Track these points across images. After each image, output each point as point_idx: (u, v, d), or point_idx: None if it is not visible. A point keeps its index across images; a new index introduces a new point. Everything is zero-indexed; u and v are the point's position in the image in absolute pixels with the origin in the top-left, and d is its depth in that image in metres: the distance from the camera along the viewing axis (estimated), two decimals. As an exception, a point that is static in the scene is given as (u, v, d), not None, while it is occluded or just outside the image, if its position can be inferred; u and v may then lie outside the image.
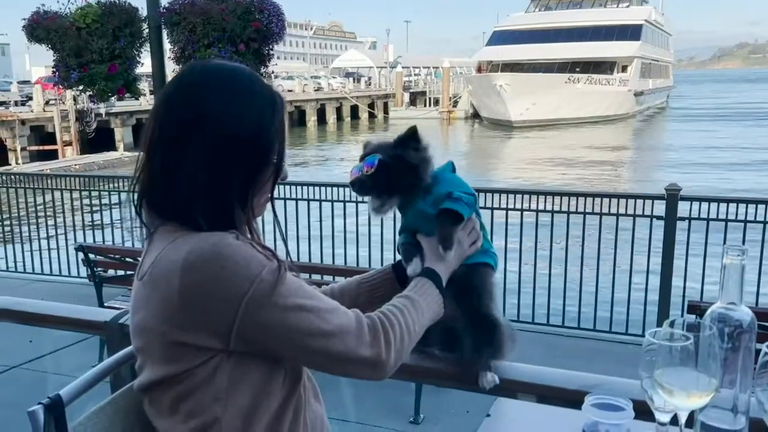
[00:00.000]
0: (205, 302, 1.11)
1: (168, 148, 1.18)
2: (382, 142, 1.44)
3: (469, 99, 46.59)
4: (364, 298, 1.53)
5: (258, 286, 1.12)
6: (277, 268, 1.15)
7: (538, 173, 23.26)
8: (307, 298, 1.18)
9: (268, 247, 1.19)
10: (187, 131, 1.17)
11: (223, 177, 1.17)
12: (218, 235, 1.14)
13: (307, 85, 47.56)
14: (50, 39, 5.61)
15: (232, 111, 1.18)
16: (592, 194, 5.69)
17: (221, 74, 1.24)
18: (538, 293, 5.74)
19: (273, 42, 5.63)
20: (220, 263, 1.11)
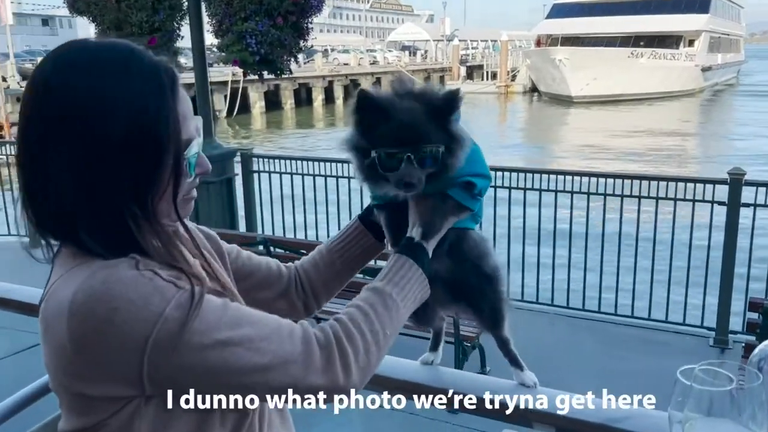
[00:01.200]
0: (101, 352, 0.92)
1: (34, 160, 0.96)
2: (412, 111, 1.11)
3: (528, 73, 45.69)
4: (340, 264, 1.35)
5: (162, 326, 0.91)
6: (188, 298, 0.93)
7: (596, 152, 22.50)
8: (233, 328, 0.96)
9: (182, 268, 0.98)
10: (49, 136, 0.94)
11: (101, 185, 0.94)
12: (111, 268, 0.93)
13: (363, 58, 47.43)
14: (91, 11, 5.60)
15: (97, 104, 0.94)
16: (648, 177, 5.36)
17: (79, 60, 0.98)
18: (589, 279, 5.49)
19: (311, 14, 5.44)
20: (111, 305, 0.90)
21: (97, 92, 0.94)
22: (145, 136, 0.95)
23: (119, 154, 0.94)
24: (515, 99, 45.30)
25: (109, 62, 0.97)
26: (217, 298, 0.98)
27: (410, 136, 1.09)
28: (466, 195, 1.18)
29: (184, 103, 1.02)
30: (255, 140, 27.26)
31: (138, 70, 0.97)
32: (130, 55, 0.99)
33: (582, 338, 5.17)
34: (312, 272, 1.36)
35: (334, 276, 1.36)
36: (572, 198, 5.45)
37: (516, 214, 5.68)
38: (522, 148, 24.70)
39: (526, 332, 5.45)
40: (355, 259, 1.35)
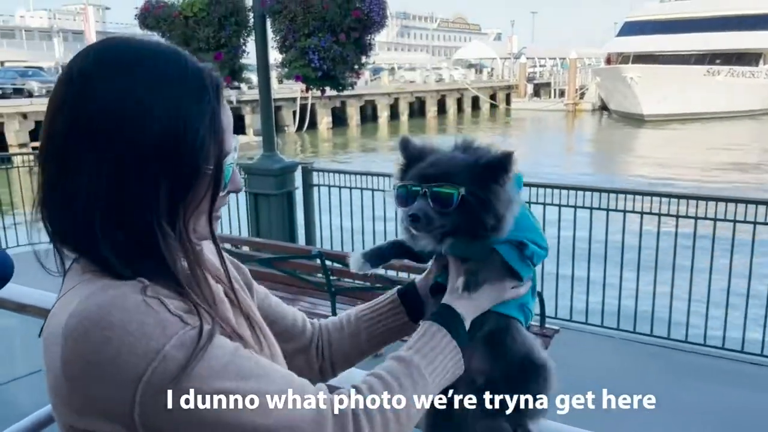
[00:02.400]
0: (92, 383, 0.82)
1: (58, 161, 0.88)
2: (451, 157, 1.07)
3: (597, 91, 44.76)
4: (365, 336, 1.23)
5: (159, 366, 0.80)
6: (194, 337, 0.83)
7: (668, 171, 21.68)
8: (238, 379, 0.84)
9: (195, 301, 0.88)
10: (78, 137, 0.86)
11: (132, 197, 0.86)
12: (114, 290, 0.84)
13: (429, 76, 47.57)
14: (160, 27, 5.77)
15: (133, 106, 0.86)
16: (724, 199, 5.10)
17: (121, 57, 0.90)
18: (658, 303, 5.24)
19: (374, 31, 5.43)
20: (105, 333, 0.80)
21: (138, 93, 0.87)
22: (185, 144, 0.88)
23: (156, 161, 0.86)
24: (583, 117, 44.38)
25: (154, 63, 0.90)
26: (228, 342, 0.88)
27: (432, 174, 1.05)
28: (515, 255, 1.07)
29: (226, 114, 0.94)
30: (322, 155, 27.66)
31: (182, 75, 0.90)
32: (175, 57, 0.92)
33: (648, 366, 4.91)
34: (335, 337, 1.26)
35: (356, 347, 1.25)
36: (642, 219, 5.23)
37: (581, 235, 5.48)
38: (591, 165, 24.08)
39: (588, 357, 5.28)
40: (382, 335, 1.24)
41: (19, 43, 61.06)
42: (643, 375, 4.75)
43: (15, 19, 69.27)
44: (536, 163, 22.30)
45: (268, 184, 6.05)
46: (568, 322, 5.42)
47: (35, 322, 2.22)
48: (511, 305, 1.13)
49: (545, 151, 27.62)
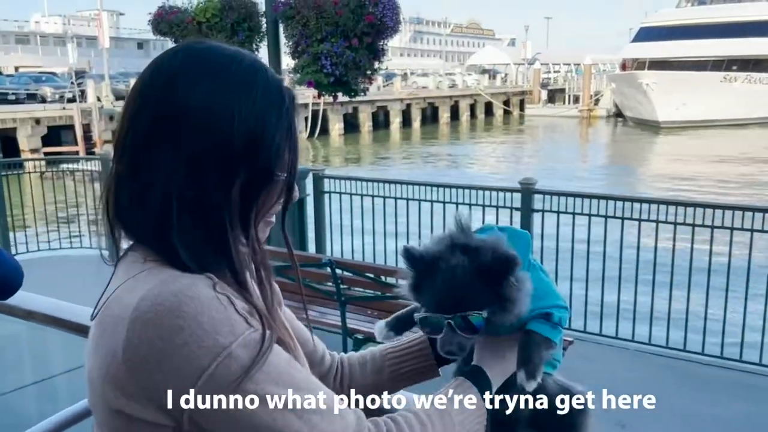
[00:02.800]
0: (153, 369, 0.83)
1: (138, 153, 0.91)
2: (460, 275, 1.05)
3: (612, 97, 44.56)
4: (388, 374, 1.23)
5: (224, 362, 0.82)
6: (258, 340, 0.85)
7: (686, 179, 21.47)
8: (292, 389, 0.87)
9: (258, 306, 0.89)
10: (161, 132, 0.89)
11: (209, 194, 0.89)
12: (187, 280, 0.86)
13: (441, 81, 47.57)
14: (173, 33, 5.78)
15: (220, 108, 0.89)
16: (743, 208, 5.00)
17: (211, 59, 0.93)
18: (674, 314, 5.16)
19: (387, 36, 5.41)
20: (178, 322, 0.82)
21: (224, 95, 0.90)
22: (264, 149, 0.92)
23: (234, 162, 0.90)
24: (598, 124, 44.18)
25: (238, 68, 0.93)
26: (284, 352, 0.91)
27: (450, 304, 1.05)
28: (547, 327, 1.10)
29: (296, 126, 0.98)
30: (333, 162, 27.70)
31: (264, 83, 0.94)
32: (258, 66, 0.96)
33: (664, 378, 4.82)
34: (357, 371, 1.26)
35: (377, 384, 1.25)
36: (657, 227, 5.14)
37: (595, 248, 5.41)
38: (605, 174, 23.92)
39: (602, 368, 5.20)
40: (406, 375, 1.23)
41: (33, 48, 61.80)
42: (659, 387, 4.66)
43: (30, 24, 70.15)
44: (550, 170, 22.21)
45: (279, 191, 6.01)
46: (582, 333, 5.34)
47: (42, 330, 2.20)
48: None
49: (559, 159, 27.51)
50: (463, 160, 28.83)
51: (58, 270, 6.71)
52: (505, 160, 28.45)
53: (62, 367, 2.89)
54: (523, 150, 33.09)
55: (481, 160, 29.31)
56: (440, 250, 1.07)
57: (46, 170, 8.04)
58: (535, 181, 5.54)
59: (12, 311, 2.22)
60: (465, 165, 27.13)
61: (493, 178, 20.70)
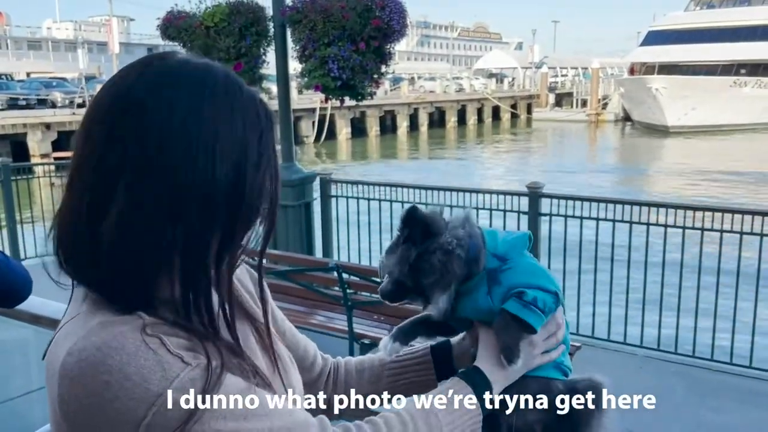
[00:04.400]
0: (90, 425, 0.79)
1: (84, 181, 0.83)
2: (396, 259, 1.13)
3: (620, 101, 44.41)
4: (386, 384, 1.21)
5: (159, 410, 0.78)
6: (199, 377, 0.80)
7: (695, 182, 21.37)
8: (248, 419, 0.82)
9: (206, 334, 0.84)
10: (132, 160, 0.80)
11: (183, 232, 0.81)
12: (113, 329, 0.80)
13: (449, 86, 47.56)
14: (181, 37, 5.81)
15: (199, 136, 0.80)
16: (752, 212, 4.93)
17: (181, 78, 0.84)
18: (683, 318, 5.11)
19: (394, 40, 5.40)
20: (104, 377, 0.77)
21: (204, 125, 0.81)
22: (245, 184, 0.83)
23: (214, 200, 0.81)
24: (606, 128, 44.03)
25: (212, 89, 0.83)
26: (238, 380, 0.85)
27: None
28: (518, 305, 1.04)
29: (274, 148, 0.90)
30: (341, 167, 27.71)
31: (239, 104, 0.85)
32: (228, 82, 0.86)
33: (673, 384, 4.78)
34: (353, 378, 1.24)
35: (370, 393, 1.22)
36: (665, 231, 5.11)
37: (603, 253, 5.38)
38: (614, 178, 23.84)
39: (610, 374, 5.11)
40: (403, 387, 1.21)
41: (45, 54, 62.24)
42: (668, 394, 4.63)
43: (42, 30, 70.68)
44: (557, 175, 22.15)
45: (286, 195, 6.02)
46: (589, 338, 5.31)
47: (49, 334, 2.20)
48: (547, 366, 1.12)
49: (567, 163, 27.44)
50: (471, 164, 28.79)
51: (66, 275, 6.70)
52: (512, 164, 28.38)
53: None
54: (531, 154, 33.02)
55: (488, 164, 29.27)
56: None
57: (56, 175, 8.07)
58: (543, 184, 5.52)
59: (19, 316, 2.22)
60: (472, 169, 27.08)
61: (500, 181, 20.67)
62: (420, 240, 1.09)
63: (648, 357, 5.15)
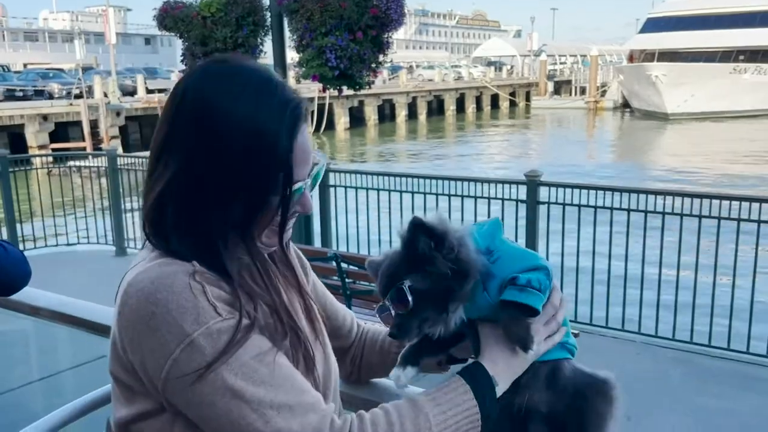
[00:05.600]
0: (136, 348, 0.93)
1: (155, 158, 1.01)
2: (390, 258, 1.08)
3: (619, 89, 44.29)
4: (392, 360, 1.23)
5: (186, 349, 0.89)
6: (227, 330, 0.91)
7: (694, 172, 21.35)
8: (253, 383, 0.91)
9: (239, 296, 0.95)
10: (169, 144, 0.99)
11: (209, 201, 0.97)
12: (168, 268, 0.94)
13: (447, 74, 47.42)
14: (178, 28, 5.78)
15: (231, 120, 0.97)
16: (749, 198, 4.93)
17: (224, 73, 1.02)
18: (681, 305, 5.12)
19: (392, 29, 5.38)
20: (151, 308, 0.91)
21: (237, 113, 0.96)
22: (262, 164, 0.96)
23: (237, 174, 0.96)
24: (604, 115, 43.93)
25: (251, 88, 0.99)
26: (262, 344, 0.95)
27: (384, 284, 1.06)
28: (514, 291, 1.04)
29: (304, 140, 1.01)
30: (340, 155, 27.68)
31: (270, 100, 0.98)
32: (268, 83, 1.01)
33: (670, 370, 4.81)
34: (368, 346, 1.33)
35: (381, 364, 1.31)
36: (663, 219, 5.11)
37: (602, 237, 5.39)
38: (612, 166, 23.82)
39: (608, 361, 5.14)
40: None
41: (42, 45, 61.94)
42: (665, 380, 4.65)
43: (39, 21, 70.32)
44: (556, 162, 22.13)
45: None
46: (587, 325, 5.33)
47: (48, 326, 2.21)
48: (553, 350, 1.10)
49: (565, 151, 27.41)
50: (469, 152, 28.74)
51: (65, 266, 6.74)
52: (510, 153, 28.35)
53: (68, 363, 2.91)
54: (530, 142, 32.98)
55: (486, 152, 29.23)
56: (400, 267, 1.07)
57: (54, 166, 8.06)
58: (541, 173, 5.53)
59: (18, 307, 2.23)
60: (471, 157, 27.04)
61: (499, 170, 20.66)
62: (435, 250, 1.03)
63: (646, 344, 5.17)
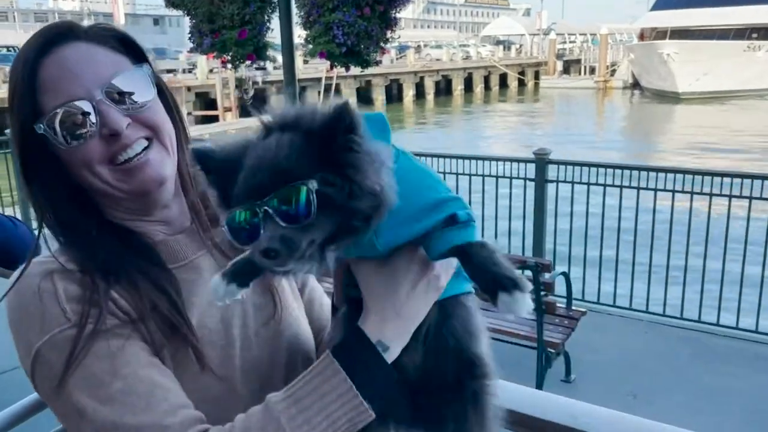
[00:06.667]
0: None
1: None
2: (274, 147, 0.76)
3: (629, 68, 43.81)
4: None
5: (36, 363, 0.87)
6: (68, 338, 0.85)
7: (704, 150, 21.14)
8: (102, 401, 0.83)
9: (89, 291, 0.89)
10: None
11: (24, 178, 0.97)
12: (29, 269, 0.92)
13: (455, 54, 47.04)
14: (185, 5, 5.71)
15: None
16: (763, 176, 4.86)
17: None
18: (689, 284, 5.09)
19: (400, 5, 5.31)
20: (9, 315, 0.90)
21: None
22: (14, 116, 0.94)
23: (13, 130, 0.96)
24: (614, 95, 43.52)
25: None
26: (114, 348, 0.86)
27: (261, 182, 0.74)
28: (470, 230, 0.81)
29: (51, 68, 0.93)
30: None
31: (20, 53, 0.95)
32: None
33: (678, 349, 4.79)
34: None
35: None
36: (673, 197, 5.07)
37: (610, 214, 5.36)
38: (621, 145, 23.64)
39: (616, 340, 5.14)
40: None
41: (51, 25, 61.62)
42: (673, 359, 4.64)
43: (48, 2, 70.03)
44: (565, 140, 21.97)
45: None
46: (594, 304, 5.32)
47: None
48: (454, 281, 0.88)
49: (574, 130, 27.21)
50: (477, 132, 28.59)
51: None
52: (519, 132, 28.17)
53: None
54: (538, 121, 32.75)
55: (494, 131, 29.07)
56: (247, 140, 0.81)
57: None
58: (550, 151, 5.48)
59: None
60: (479, 137, 26.89)
61: (506, 149, 20.54)
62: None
63: (653, 323, 5.16)
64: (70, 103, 0.91)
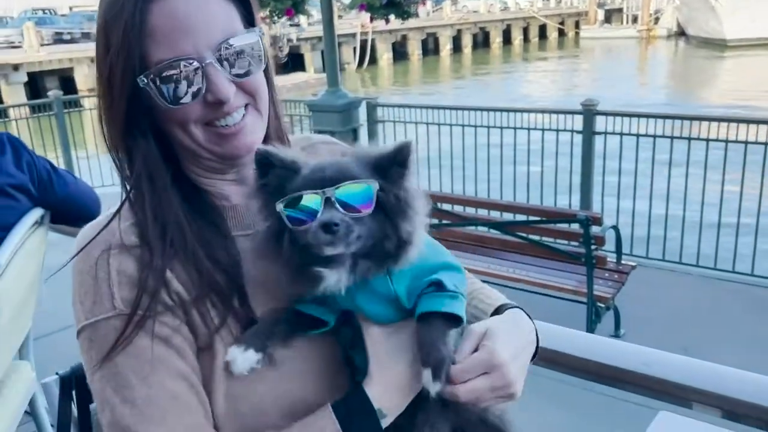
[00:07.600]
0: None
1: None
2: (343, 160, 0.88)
3: (674, 15, 42.12)
4: None
5: (82, 335, 0.88)
6: (114, 329, 0.84)
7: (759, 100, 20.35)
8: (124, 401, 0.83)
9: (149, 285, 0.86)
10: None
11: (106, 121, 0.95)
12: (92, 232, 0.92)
13: (493, 5, 45.86)
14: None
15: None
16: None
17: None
18: (742, 236, 4.98)
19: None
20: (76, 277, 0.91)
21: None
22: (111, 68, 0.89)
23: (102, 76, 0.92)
24: (658, 44, 42.01)
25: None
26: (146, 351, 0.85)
27: (332, 176, 0.82)
28: (445, 298, 0.85)
29: (161, 17, 0.87)
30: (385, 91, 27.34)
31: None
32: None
33: (730, 303, 4.70)
34: None
35: None
36: (726, 147, 4.90)
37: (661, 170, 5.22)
38: (668, 96, 22.91)
39: (666, 294, 5.07)
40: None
41: (86, -14, 62.10)
42: (723, 311, 4.56)
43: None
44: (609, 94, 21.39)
45: (332, 121, 5.97)
46: (644, 258, 5.23)
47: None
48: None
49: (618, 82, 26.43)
50: (518, 84, 28.00)
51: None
52: (560, 85, 27.50)
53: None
54: (580, 73, 31.88)
55: (535, 84, 28.43)
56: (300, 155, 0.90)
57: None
58: (597, 102, 5.34)
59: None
60: (520, 89, 26.35)
61: (548, 101, 20.10)
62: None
63: (704, 276, 5.06)
64: (177, 61, 0.87)
